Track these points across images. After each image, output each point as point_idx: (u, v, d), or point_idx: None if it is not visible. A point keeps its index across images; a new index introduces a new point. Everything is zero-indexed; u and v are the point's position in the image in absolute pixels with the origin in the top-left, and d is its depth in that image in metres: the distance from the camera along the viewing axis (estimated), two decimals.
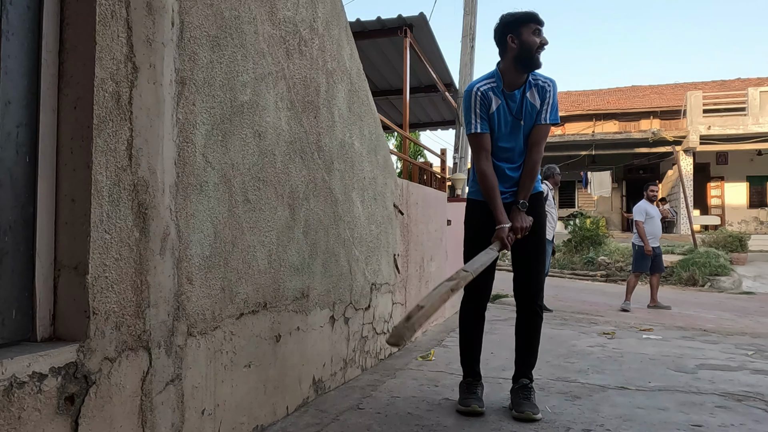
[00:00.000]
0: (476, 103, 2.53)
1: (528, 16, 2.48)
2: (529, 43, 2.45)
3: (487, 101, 2.53)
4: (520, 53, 2.46)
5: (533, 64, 2.48)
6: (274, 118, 2.27)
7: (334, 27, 2.90)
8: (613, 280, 12.80)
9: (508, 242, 2.48)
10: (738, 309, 8.06)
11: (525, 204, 2.52)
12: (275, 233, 2.27)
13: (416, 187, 4.61)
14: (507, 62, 2.51)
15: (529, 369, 2.62)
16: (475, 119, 2.53)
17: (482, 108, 2.53)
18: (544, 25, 2.50)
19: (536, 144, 2.56)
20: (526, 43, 2.45)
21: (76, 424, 1.35)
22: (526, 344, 2.63)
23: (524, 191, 2.54)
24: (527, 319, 2.62)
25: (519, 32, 2.46)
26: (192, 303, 1.78)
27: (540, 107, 2.53)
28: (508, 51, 2.50)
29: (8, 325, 1.32)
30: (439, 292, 2.20)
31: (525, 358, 2.63)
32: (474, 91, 2.54)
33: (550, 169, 6.84)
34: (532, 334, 2.63)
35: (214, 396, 1.89)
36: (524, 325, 2.63)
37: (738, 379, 3.28)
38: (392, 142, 19.33)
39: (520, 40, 2.45)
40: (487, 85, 2.55)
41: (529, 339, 2.63)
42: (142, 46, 1.55)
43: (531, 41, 2.45)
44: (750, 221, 20.34)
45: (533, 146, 2.56)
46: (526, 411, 2.41)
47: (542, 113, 2.53)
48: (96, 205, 1.40)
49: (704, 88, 21.64)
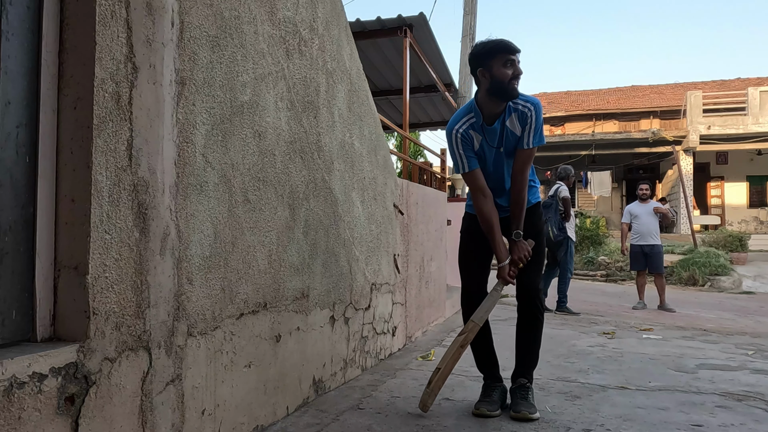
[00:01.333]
0: (458, 144, 2.49)
1: (498, 48, 2.38)
2: (500, 76, 2.36)
3: (469, 140, 2.49)
4: (492, 86, 2.39)
5: (508, 95, 2.40)
6: (274, 118, 2.27)
7: (333, 27, 2.90)
8: (613, 279, 12.80)
9: (509, 278, 2.50)
10: (738, 309, 8.06)
11: (519, 234, 2.51)
12: (275, 233, 2.27)
13: (416, 187, 4.61)
14: (482, 94, 2.46)
15: (528, 369, 2.61)
16: (461, 160, 2.50)
17: (465, 147, 2.49)
18: (518, 53, 2.39)
19: (520, 172, 2.49)
20: (496, 76, 2.37)
21: (76, 424, 1.35)
22: (526, 344, 2.63)
23: (516, 221, 2.52)
24: (527, 320, 2.62)
25: (489, 65, 2.38)
26: (192, 303, 1.78)
27: (522, 133, 2.47)
28: (481, 84, 2.45)
29: (8, 325, 1.32)
30: (451, 350, 2.48)
31: (524, 358, 2.62)
32: (454, 134, 2.49)
33: (565, 171, 6.85)
34: (532, 335, 2.62)
35: (214, 396, 1.89)
36: (524, 326, 2.63)
37: (738, 378, 3.28)
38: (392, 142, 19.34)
39: (491, 73, 2.38)
40: (465, 124, 2.50)
41: (528, 339, 2.63)
42: (142, 46, 1.55)
43: (502, 74, 2.36)
44: (750, 221, 20.34)
45: (517, 174, 2.50)
46: (522, 411, 2.41)
47: (524, 138, 2.46)
48: (96, 205, 1.40)
49: (704, 88, 21.64)
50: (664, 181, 21.71)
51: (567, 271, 6.63)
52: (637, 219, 7.57)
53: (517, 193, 2.51)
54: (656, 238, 7.51)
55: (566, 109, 23.25)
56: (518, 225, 2.52)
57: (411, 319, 4.30)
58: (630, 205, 7.87)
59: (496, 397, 2.55)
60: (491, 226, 2.50)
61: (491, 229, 2.50)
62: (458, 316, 5.76)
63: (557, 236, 6.47)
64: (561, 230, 6.50)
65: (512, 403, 2.50)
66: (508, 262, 2.50)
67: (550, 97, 25.57)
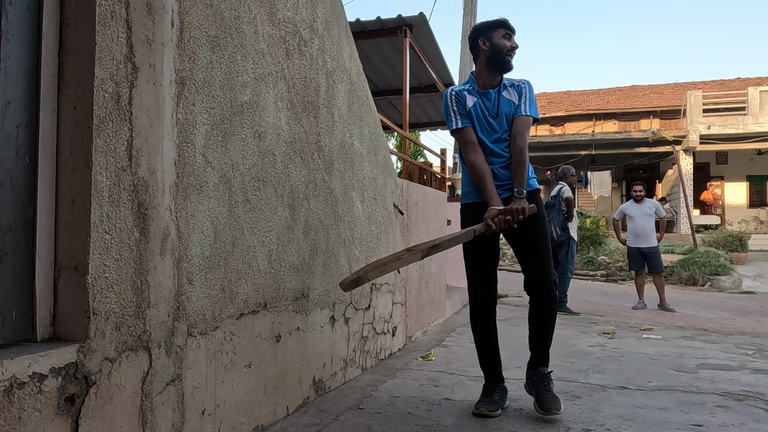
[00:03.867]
0: (452, 101, 2.64)
1: (499, 22, 2.63)
2: (500, 45, 2.59)
3: (461, 98, 2.64)
4: (491, 54, 2.60)
5: (504, 64, 2.60)
6: (274, 119, 2.27)
7: (333, 27, 2.90)
8: (613, 279, 12.79)
9: (494, 223, 2.40)
10: (738, 308, 8.06)
11: (522, 191, 2.47)
12: (275, 233, 2.27)
13: (416, 187, 4.61)
14: (480, 65, 2.66)
15: (546, 356, 2.58)
16: (454, 116, 2.63)
17: (458, 105, 2.63)
18: (515, 33, 2.63)
19: (519, 134, 2.57)
20: (496, 45, 2.59)
21: (77, 424, 1.35)
22: (541, 334, 2.57)
23: (518, 179, 2.50)
24: (541, 309, 2.54)
25: (490, 36, 2.61)
26: (192, 303, 1.78)
27: (518, 101, 2.61)
28: (480, 53, 2.64)
29: (8, 325, 1.32)
30: (395, 253, 2.46)
31: (539, 347, 2.57)
32: (449, 93, 2.66)
33: (564, 170, 6.86)
34: (547, 323, 2.55)
35: (214, 396, 1.89)
36: (538, 318, 2.56)
37: (738, 378, 3.28)
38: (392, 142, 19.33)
39: (491, 42, 2.60)
40: (461, 87, 2.68)
41: (544, 329, 2.56)
42: (141, 46, 1.55)
43: (501, 43, 2.59)
44: (750, 221, 20.33)
45: (517, 135, 2.57)
46: (552, 408, 2.39)
47: (521, 106, 2.60)
48: (96, 205, 1.40)
49: (704, 88, 21.63)
50: (664, 181, 21.70)
51: (567, 270, 6.64)
52: (633, 220, 7.56)
53: (518, 153, 2.55)
54: (653, 239, 7.50)
55: (566, 109, 23.24)
56: (521, 182, 2.50)
57: (411, 319, 4.30)
58: (624, 205, 7.86)
59: (496, 398, 2.55)
60: (483, 175, 2.52)
61: (483, 177, 2.51)
62: (458, 316, 5.76)
63: (560, 236, 6.47)
64: (564, 230, 6.51)
65: (538, 398, 2.46)
66: (500, 210, 2.43)
67: (550, 97, 25.57)
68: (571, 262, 6.69)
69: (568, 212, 6.51)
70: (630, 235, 7.61)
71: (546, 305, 2.55)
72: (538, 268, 2.53)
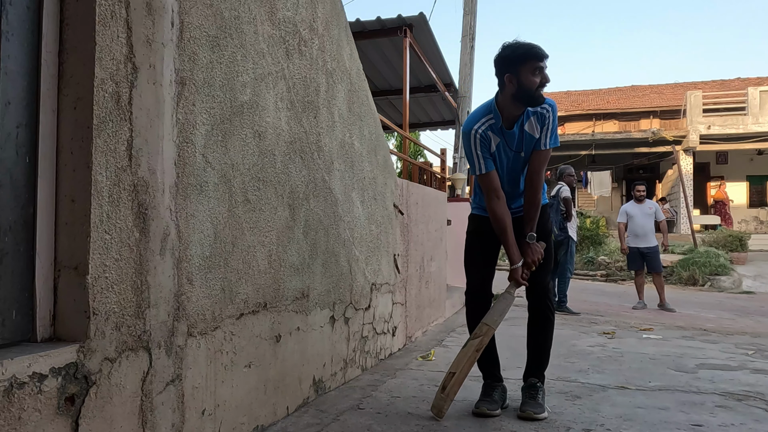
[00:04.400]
0: (476, 145, 2.46)
1: (528, 54, 2.33)
2: (528, 84, 2.33)
3: (486, 141, 2.46)
4: (518, 92, 2.36)
5: (533, 102, 2.39)
6: (274, 118, 2.27)
7: (333, 27, 2.90)
8: (613, 279, 12.79)
9: (522, 280, 2.48)
10: (738, 308, 8.06)
11: (533, 236, 2.49)
12: (275, 233, 2.27)
13: (416, 187, 4.61)
14: (505, 98, 2.43)
15: (540, 369, 2.62)
16: (478, 161, 2.47)
17: (483, 148, 2.46)
18: (546, 59, 2.35)
19: (536, 172, 2.50)
20: (524, 84, 2.34)
21: (77, 424, 1.35)
22: (537, 344, 2.63)
23: (530, 223, 2.51)
24: (538, 320, 2.61)
25: (517, 72, 2.34)
26: (192, 303, 1.78)
27: (540, 135, 2.47)
28: (506, 88, 2.40)
29: (8, 325, 1.32)
30: (466, 353, 2.44)
31: (535, 359, 2.62)
32: (473, 134, 2.46)
33: (562, 170, 6.90)
34: (543, 335, 2.62)
35: (214, 396, 1.89)
36: (535, 326, 2.63)
37: (738, 378, 3.28)
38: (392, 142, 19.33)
39: (519, 80, 2.34)
40: (485, 125, 2.47)
41: (540, 339, 2.62)
42: (141, 46, 1.55)
43: (530, 82, 2.33)
44: (750, 221, 20.32)
45: (533, 175, 2.50)
46: (528, 411, 2.42)
47: (542, 140, 2.47)
48: (96, 205, 1.40)
49: (704, 88, 21.62)
50: (664, 180, 21.70)
51: (566, 270, 6.64)
52: (633, 220, 7.57)
53: (533, 194, 2.50)
54: (652, 239, 7.51)
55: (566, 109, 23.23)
56: (532, 227, 2.50)
57: (411, 319, 4.30)
58: (625, 205, 7.87)
59: (496, 397, 2.55)
60: (504, 228, 2.48)
61: (504, 230, 2.48)
62: (458, 316, 5.75)
63: (558, 236, 6.48)
64: (562, 230, 6.52)
65: (521, 402, 2.51)
66: (521, 264, 2.48)
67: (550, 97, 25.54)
68: (570, 262, 6.70)
69: (566, 212, 6.52)
70: (630, 234, 7.61)
71: (542, 314, 2.60)
72: (539, 273, 2.57)
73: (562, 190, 6.59)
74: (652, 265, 7.48)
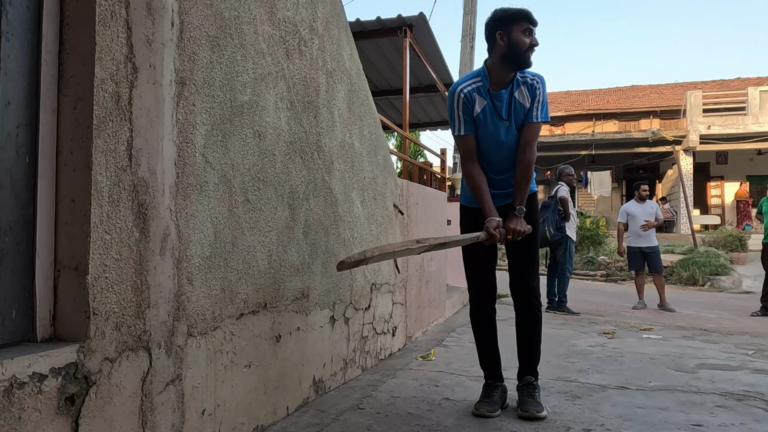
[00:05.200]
0: (458, 105, 2.46)
1: (520, 14, 2.38)
2: (519, 42, 2.36)
3: (470, 103, 2.46)
4: (509, 52, 2.38)
5: (522, 63, 2.40)
6: (274, 118, 2.27)
7: (333, 27, 2.90)
8: (613, 279, 12.79)
9: (496, 233, 2.37)
10: (738, 308, 8.06)
11: (522, 210, 2.43)
12: (275, 233, 2.27)
13: (416, 187, 4.61)
14: (495, 59, 2.44)
15: (533, 366, 2.61)
16: (459, 122, 2.48)
17: (465, 110, 2.46)
18: (537, 25, 2.40)
19: (529, 144, 2.47)
20: (515, 42, 2.36)
21: (77, 424, 1.35)
22: (527, 342, 2.62)
23: (520, 195, 2.45)
24: (526, 319, 2.61)
25: (509, 30, 2.37)
26: (192, 303, 1.78)
27: (530, 105, 2.45)
28: (496, 48, 2.42)
29: (8, 325, 1.32)
30: (403, 244, 2.33)
31: (527, 356, 2.62)
32: (457, 93, 2.47)
33: (561, 170, 6.91)
34: (532, 332, 2.61)
35: (214, 396, 1.89)
36: (523, 325, 2.62)
37: (738, 378, 3.28)
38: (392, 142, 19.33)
39: (510, 38, 2.37)
40: (471, 86, 2.47)
41: (529, 337, 2.61)
42: (141, 46, 1.55)
43: (521, 41, 2.36)
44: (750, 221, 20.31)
45: (526, 146, 2.47)
46: (531, 410, 2.42)
47: (533, 111, 2.45)
48: (96, 205, 1.40)
49: (704, 88, 21.62)
50: (664, 180, 21.70)
51: (566, 270, 6.64)
52: (634, 219, 7.57)
53: (525, 167, 2.46)
54: (653, 239, 7.52)
55: (566, 109, 23.24)
56: (522, 200, 2.46)
57: (411, 319, 4.30)
58: (626, 205, 7.87)
59: (496, 398, 2.55)
60: (478, 186, 2.46)
61: (479, 187, 2.45)
62: (458, 316, 5.75)
63: (554, 236, 6.48)
64: (558, 230, 6.52)
65: (519, 402, 2.50)
66: (498, 222, 2.39)
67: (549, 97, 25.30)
68: (569, 262, 6.70)
69: (564, 212, 6.52)
70: (631, 234, 7.61)
71: (529, 312, 2.59)
72: (524, 272, 2.57)
73: (559, 189, 6.60)
74: (653, 264, 7.49)
